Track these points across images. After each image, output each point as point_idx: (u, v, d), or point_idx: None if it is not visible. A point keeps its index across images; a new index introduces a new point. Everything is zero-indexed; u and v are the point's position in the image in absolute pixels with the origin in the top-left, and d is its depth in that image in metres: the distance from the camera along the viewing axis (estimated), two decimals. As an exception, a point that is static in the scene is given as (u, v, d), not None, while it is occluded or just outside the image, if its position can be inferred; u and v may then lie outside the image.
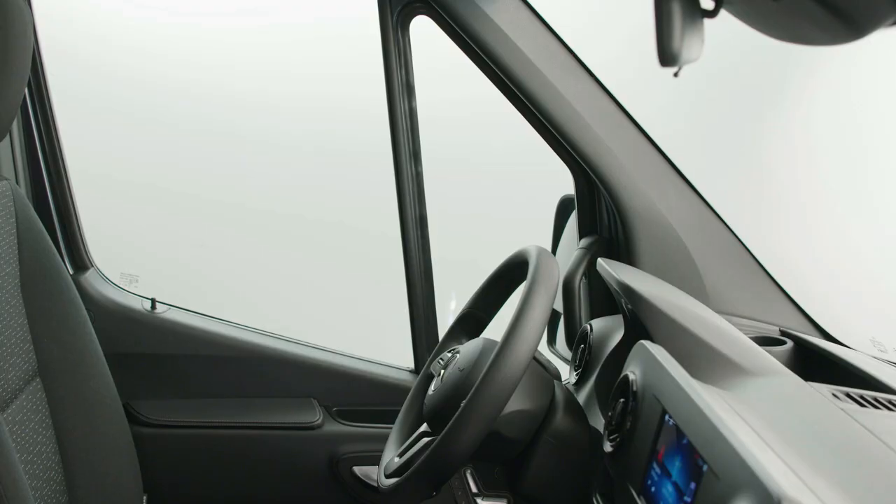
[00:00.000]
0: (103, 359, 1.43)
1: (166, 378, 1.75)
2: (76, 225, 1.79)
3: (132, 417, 1.70)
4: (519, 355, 0.96)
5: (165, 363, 1.75)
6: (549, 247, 1.58)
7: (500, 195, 2.43)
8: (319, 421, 1.72)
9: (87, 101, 1.79)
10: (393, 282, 1.77)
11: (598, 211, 1.51)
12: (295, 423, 1.72)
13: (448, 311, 1.86)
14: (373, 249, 2.14)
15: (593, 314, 1.52)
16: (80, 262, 1.79)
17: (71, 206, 1.78)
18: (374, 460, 1.59)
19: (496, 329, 1.19)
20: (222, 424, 1.72)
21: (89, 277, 1.76)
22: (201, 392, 1.75)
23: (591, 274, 1.49)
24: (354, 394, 1.75)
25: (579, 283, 1.44)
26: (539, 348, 1.06)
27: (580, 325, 1.47)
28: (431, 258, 1.71)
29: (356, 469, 1.71)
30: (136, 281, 1.87)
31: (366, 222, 2.34)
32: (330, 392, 1.74)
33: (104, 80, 2.40)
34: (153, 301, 1.77)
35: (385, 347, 1.83)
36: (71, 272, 1.75)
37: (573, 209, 1.55)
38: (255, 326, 1.80)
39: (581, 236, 1.54)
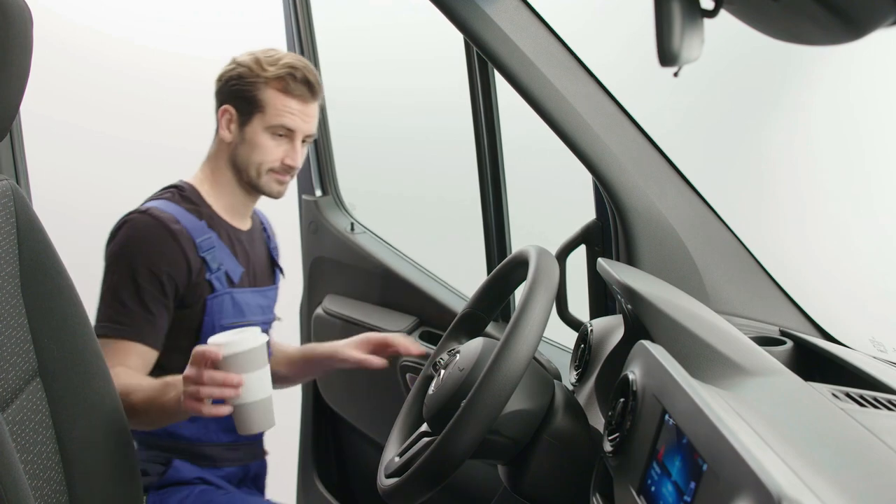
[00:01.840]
0: (103, 358, 1.43)
1: (342, 279, 2.33)
2: (330, 161, 2.40)
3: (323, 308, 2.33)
4: (519, 355, 0.97)
5: (346, 269, 2.32)
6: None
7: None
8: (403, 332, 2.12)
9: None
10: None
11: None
12: (388, 329, 2.11)
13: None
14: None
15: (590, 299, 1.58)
16: (325, 188, 2.42)
17: (328, 147, 2.39)
18: (416, 371, 2.05)
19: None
20: (353, 321, 2.21)
21: (328, 199, 2.41)
22: (357, 295, 2.29)
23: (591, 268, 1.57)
24: (445, 321, 2.07)
25: (564, 258, 1.55)
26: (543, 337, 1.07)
27: (565, 300, 1.56)
28: (506, 215, 2.00)
29: (407, 375, 2.05)
30: (356, 208, 2.44)
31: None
32: (428, 314, 2.13)
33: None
34: (352, 224, 2.35)
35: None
36: (319, 194, 2.41)
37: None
38: (412, 259, 2.27)
39: None
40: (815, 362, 1.22)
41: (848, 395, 0.96)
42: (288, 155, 1.76)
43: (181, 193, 1.76)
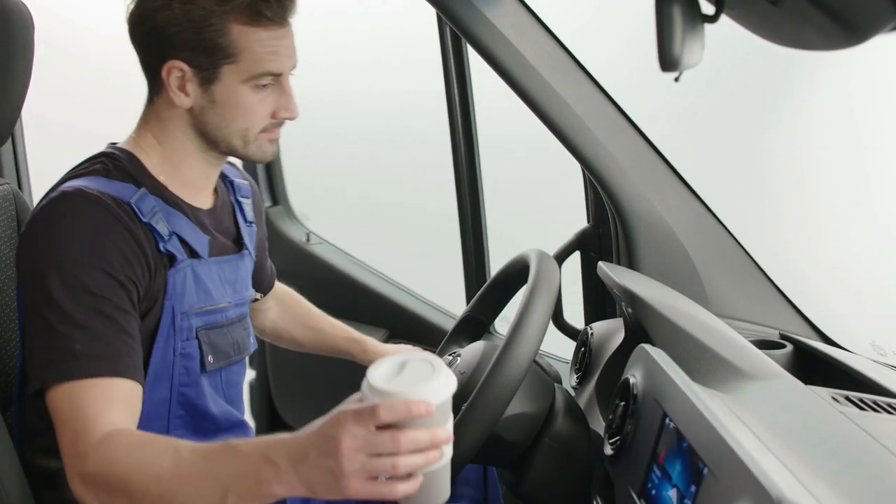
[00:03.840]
0: None
1: (302, 292, 2.13)
2: (279, 169, 2.38)
3: None
4: (520, 359, 0.97)
5: (306, 282, 2.16)
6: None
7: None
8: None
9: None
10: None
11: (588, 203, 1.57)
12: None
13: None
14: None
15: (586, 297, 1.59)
16: (276, 198, 2.39)
17: (277, 157, 2.32)
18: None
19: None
20: None
21: (278, 209, 2.38)
22: (320, 308, 2.13)
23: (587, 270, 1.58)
24: (416, 332, 2.08)
25: (560, 262, 1.56)
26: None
27: (561, 308, 1.56)
28: (484, 223, 1.98)
29: None
30: (309, 218, 2.42)
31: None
32: (399, 326, 2.12)
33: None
34: (308, 234, 2.31)
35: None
36: (269, 204, 2.35)
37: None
38: (375, 269, 2.25)
39: None
40: (815, 366, 1.23)
41: (848, 398, 0.96)
42: (281, 105, 1.25)
43: (116, 164, 1.21)
